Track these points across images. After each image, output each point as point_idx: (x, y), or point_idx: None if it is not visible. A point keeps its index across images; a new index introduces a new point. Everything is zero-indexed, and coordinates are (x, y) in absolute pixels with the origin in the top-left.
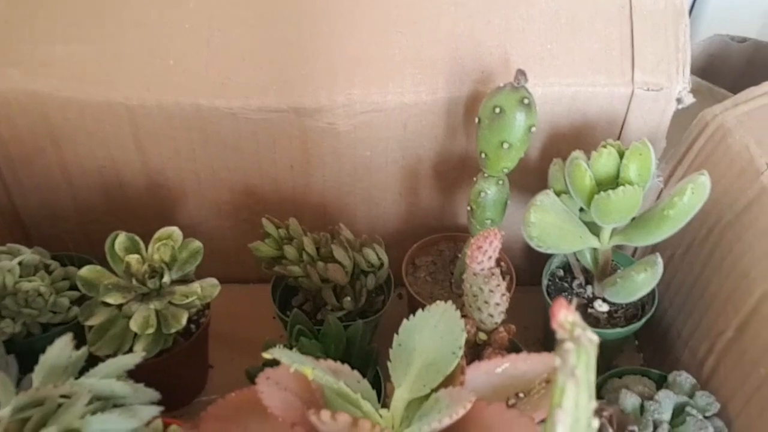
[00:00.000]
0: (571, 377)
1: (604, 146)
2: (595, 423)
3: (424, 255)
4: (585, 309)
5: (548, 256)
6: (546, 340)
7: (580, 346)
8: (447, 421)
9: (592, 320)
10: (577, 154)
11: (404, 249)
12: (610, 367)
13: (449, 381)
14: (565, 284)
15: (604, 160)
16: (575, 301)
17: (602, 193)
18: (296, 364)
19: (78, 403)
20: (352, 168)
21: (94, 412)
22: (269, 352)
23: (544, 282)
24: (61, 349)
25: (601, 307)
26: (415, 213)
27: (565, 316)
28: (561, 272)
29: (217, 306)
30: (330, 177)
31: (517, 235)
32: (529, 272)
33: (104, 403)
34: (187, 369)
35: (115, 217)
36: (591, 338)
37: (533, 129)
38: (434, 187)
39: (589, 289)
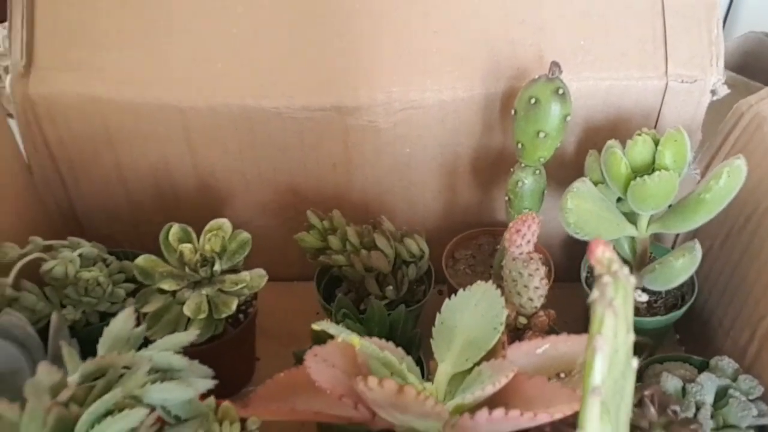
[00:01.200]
0: (609, 307)
1: (639, 134)
2: (634, 362)
3: (463, 249)
4: None
5: (586, 250)
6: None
7: (617, 280)
8: (490, 390)
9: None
10: (613, 142)
11: (444, 244)
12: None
13: (491, 355)
14: None
15: (640, 147)
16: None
17: (638, 179)
18: (344, 335)
19: (139, 372)
20: (393, 165)
21: (153, 382)
22: (318, 324)
23: (583, 275)
24: (124, 321)
25: (640, 297)
26: (454, 208)
27: (602, 252)
28: None
29: (263, 302)
30: (371, 174)
31: (556, 231)
32: (568, 268)
33: (162, 374)
34: (235, 357)
35: (166, 216)
36: (628, 276)
37: (568, 118)
38: (472, 183)
39: None
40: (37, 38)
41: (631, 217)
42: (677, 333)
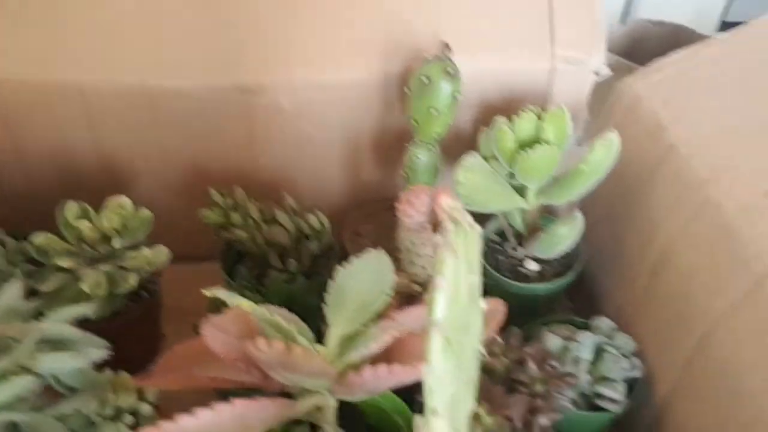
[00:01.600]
0: (449, 250)
1: (524, 111)
2: (482, 304)
3: (365, 223)
4: (517, 268)
5: (483, 223)
6: None
7: (459, 226)
8: (374, 348)
9: (524, 278)
10: (500, 119)
11: (349, 220)
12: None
13: (380, 317)
14: (499, 247)
15: (525, 123)
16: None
17: (522, 152)
18: (234, 300)
19: (29, 341)
20: (297, 144)
21: (45, 352)
22: (210, 290)
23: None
24: (12, 292)
25: (531, 265)
26: (357, 186)
27: (446, 201)
28: (497, 237)
29: (170, 282)
30: (275, 153)
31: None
32: None
33: (54, 345)
34: (139, 334)
35: (67, 196)
36: (472, 224)
37: (458, 95)
38: (375, 161)
39: (521, 251)
40: None
41: (521, 190)
42: (571, 300)
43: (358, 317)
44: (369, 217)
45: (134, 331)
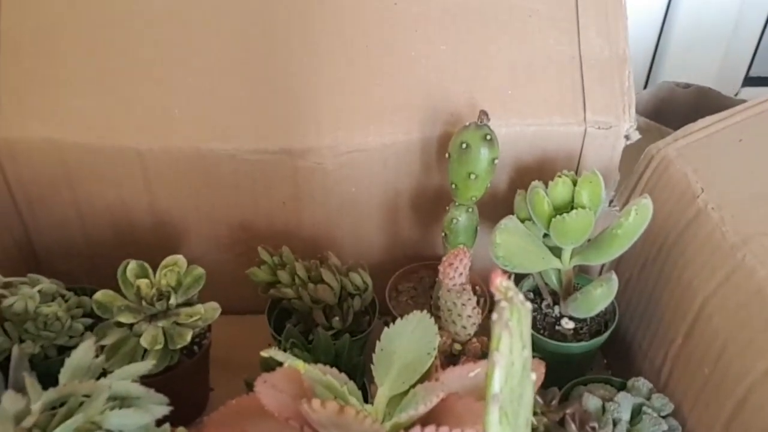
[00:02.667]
0: (505, 327)
1: (560, 176)
2: (533, 376)
3: (405, 281)
4: (553, 327)
5: (519, 281)
6: None
7: (513, 305)
8: (423, 409)
9: (560, 336)
10: (537, 183)
11: (388, 277)
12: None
13: (425, 378)
14: (535, 305)
15: (560, 188)
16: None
17: (558, 216)
18: (289, 360)
19: (99, 399)
20: (339, 203)
21: (112, 408)
22: (266, 351)
23: None
24: (84, 352)
25: (567, 324)
26: (396, 244)
27: (501, 281)
28: (531, 295)
29: (217, 334)
30: (319, 212)
31: (492, 264)
32: None
33: (120, 402)
34: (190, 387)
35: (123, 252)
36: (523, 301)
37: (496, 161)
38: (413, 220)
39: (556, 309)
40: (1, 82)
41: (556, 251)
42: (605, 358)
43: (405, 378)
44: (408, 275)
45: (185, 383)
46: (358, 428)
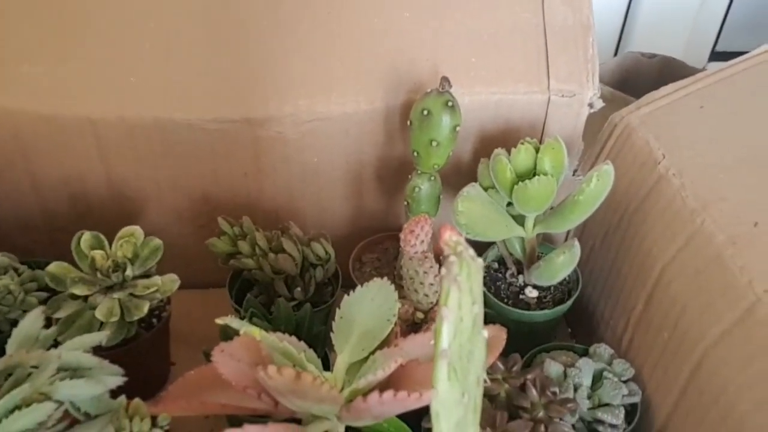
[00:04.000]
0: (453, 282)
1: (522, 143)
2: (485, 333)
3: (369, 252)
4: (517, 296)
5: (483, 251)
6: None
7: (462, 259)
8: (381, 375)
9: (524, 305)
10: (499, 150)
11: (351, 248)
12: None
13: (384, 345)
14: (499, 275)
15: (522, 155)
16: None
17: (521, 183)
18: (245, 327)
19: (48, 369)
20: (301, 174)
21: (63, 379)
22: (222, 319)
23: None
24: (32, 321)
25: (531, 293)
26: (360, 215)
27: (449, 236)
28: (495, 265)
29: (179, 309)
30: (281, 182)
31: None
32: None
33: (72, 372)
34: (149, 361)
35: (80, 225)
36: (473, 256)
37: (458, 128)
38: (377, 190)
39: (521, 278)
40: None
41: (519, 219)
42: (569, 326)
43: (364, 345)
44: (371, 245)
45: (145, 357)
46: (316, 394)
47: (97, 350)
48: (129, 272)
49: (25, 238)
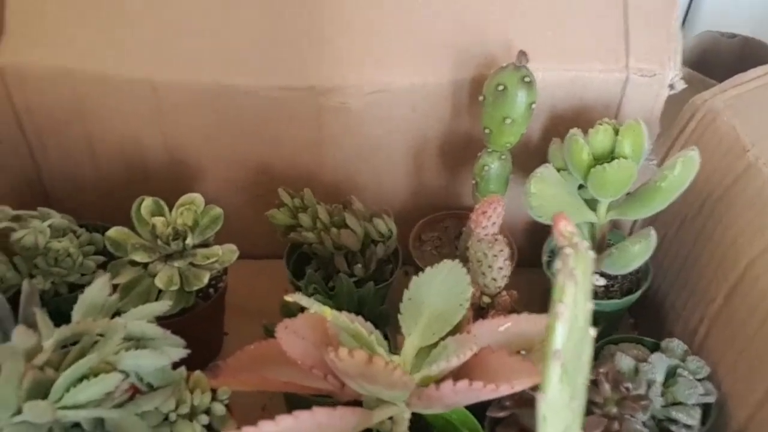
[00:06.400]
0: (570, 277)
1: (601, 124)
2: (593, 331)
3: (429, 231)
4: None
5: (548, 236)
6: None
7: (578, 252)
8: (455, 362)
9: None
10: (575, 131)
11: (411, 225)
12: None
13: (456, 331)
14: None
15: (601, 136)
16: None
17: (598, 166)
18: (316, 306)
19: (114, 338)
20: (363, 146)
21: (127, 349)
22: (291, 296)
23: (544, 258)
24: (99, 289)
25: (598, 281)
26: (421, 191)
27: (564, 226)
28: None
29: (232, 279)
30: (341, 155)
31: (520, 217)
32: (530, 253)
33: (135, 342)
34: (205, 331)
35: (135, 190)
36: (588, 248)
37: (533, 106)
38: (440, 166)
39: None
40: (10, 8)
41: (591, 204)
42: (632, 317)
43: (435, 329)
44: (432, 223)
45: (201, 327)
46: (387, 380)
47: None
48: (189, 241)
49: (76, 201)
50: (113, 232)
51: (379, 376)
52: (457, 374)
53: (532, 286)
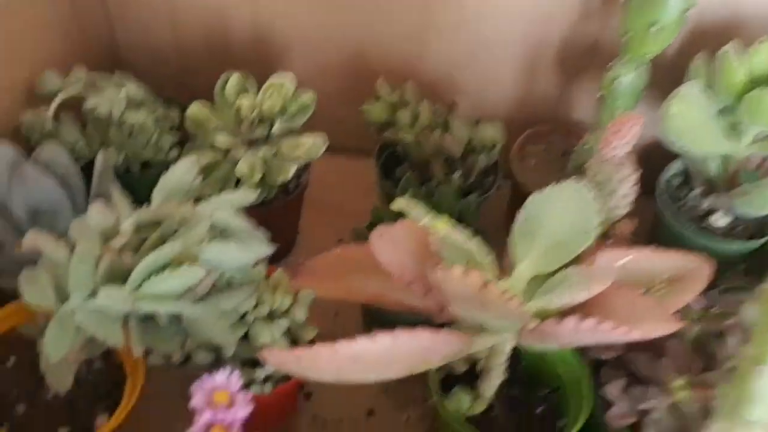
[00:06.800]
0: None
1: (763, 42)
2: None
3: (533, 143)
4: (700, 221)
5: (665, 164)
6: None
7: None
8: (582, 296)
9: (708, 234)
10: (730, 47)
11: (514, 137)
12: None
13: (579, 261)
14: (680, 194)
15: (763, 55)
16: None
17: (756, 90)
18: (428, 218)
19: (199, 227)
20: (470, 43)
21: (211, 240)
22: (400, 201)
23: (658, 190)
24: (186, 170)
25: (719, 220)
26: (527, 100)
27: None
28: (677, 181)
29: (312, 173)
30: (446, 51)
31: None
32: (642, 179)
33: (219, 233)
34: (281, 226)
35: (215, 68)
36: None
37: (688, 12)
38: (553, 74)
39: (706, 201)
40: None
41: (731, 132)
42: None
43: (553, 256)
44: (537, 136)
45: (277, 222)
46: (501, 309)
47: None
48: (276, 128)
49: (154, 74)
50: (195, 108)
51: (493, 303)
52: (575, 311)
53: (640, 214)
